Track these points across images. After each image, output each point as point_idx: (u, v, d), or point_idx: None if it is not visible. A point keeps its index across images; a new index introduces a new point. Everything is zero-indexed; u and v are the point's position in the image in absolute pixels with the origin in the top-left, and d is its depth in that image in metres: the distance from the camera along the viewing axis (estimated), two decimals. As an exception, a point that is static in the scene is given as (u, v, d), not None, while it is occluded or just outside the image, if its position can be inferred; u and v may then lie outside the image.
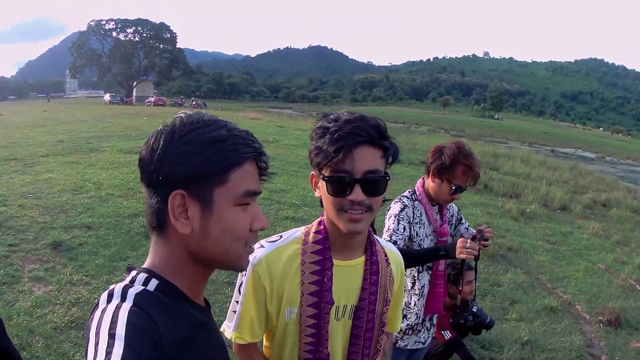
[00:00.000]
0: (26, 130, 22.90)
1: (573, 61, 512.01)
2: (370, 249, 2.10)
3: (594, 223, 13.92)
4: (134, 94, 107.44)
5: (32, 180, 11.37)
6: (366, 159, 1.81)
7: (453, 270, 4.70)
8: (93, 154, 15.73)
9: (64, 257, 7.21)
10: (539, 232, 12.36)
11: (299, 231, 2.13)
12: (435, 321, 3.82)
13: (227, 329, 2.16)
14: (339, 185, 1.84)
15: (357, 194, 1.81)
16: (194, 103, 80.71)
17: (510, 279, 8.48)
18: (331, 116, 1.92)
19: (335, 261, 2.02)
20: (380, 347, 2.17)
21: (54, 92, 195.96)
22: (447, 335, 4.63)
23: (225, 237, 1.31)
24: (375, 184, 1.83)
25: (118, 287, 1.25)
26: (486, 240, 3.40)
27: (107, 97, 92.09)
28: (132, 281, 1.29)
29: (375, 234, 2.23)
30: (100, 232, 8.25)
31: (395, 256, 2.27)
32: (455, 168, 3.46)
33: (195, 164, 1.24)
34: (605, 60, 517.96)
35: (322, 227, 2.06)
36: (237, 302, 2.11)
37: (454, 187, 3.49)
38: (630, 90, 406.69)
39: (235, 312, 2.13)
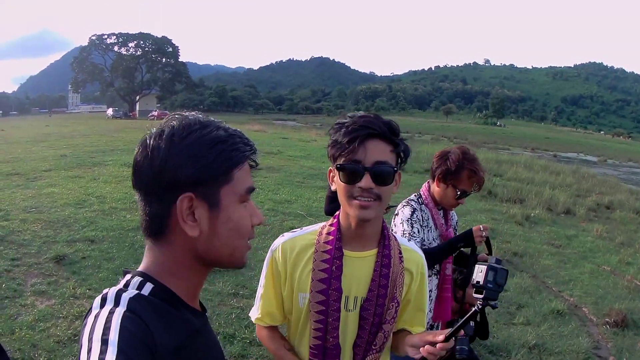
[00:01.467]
0: (28, 145, 23.02)
1: (572, 66, 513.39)
2: (383, 242, 2.15)
3: (598, 225, 13.85)
4: (137, 108, 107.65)
5: (34, 194, 11.41)
6: (376, 150, 1.96)
7: (460, 275, 4.66)
8: (96, 168, 15.81)
9: (67, 270, 7.20)
10: (544, 236, 12.31)
11: (318, 225, 2.27)
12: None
13: (253, 314, 2.34)
14: (351, 173, 1.97)
15: (367, 181, 1.94)
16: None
17: (516, 283, 8.44)
18: (348, 114, 2.08)
19: (346, 252, 2.12)
20: (384, 343, 2.17)
21: (56, 107, 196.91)
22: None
23: (233, 235, 1.31)
24: (383, 174, 1.96)
25: (112, 291, 1.22)
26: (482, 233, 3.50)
27: (109, 111, 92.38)
28: (126, 285, 1.26)
29: None
30: (103, 245, 8.26)
31: (414, 255, 2.28)
32: (460, 173, 3.48)
33: (201, 166, 1.23)
34: (605, 63, 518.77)
35: (335, 220, 2.19)
36: (261, 287, 2.31)
37: (459, 192, 3.50)
38: (630, 92, 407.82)
39: (259, 296, 2.31)
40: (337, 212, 2.19)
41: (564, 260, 10.27)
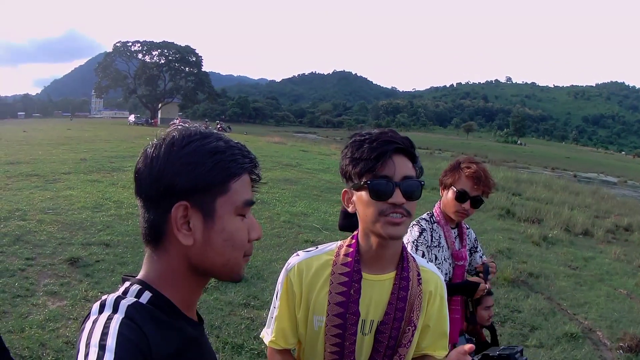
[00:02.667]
0: (49, 147, 23.21)
1: (594, 85, 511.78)
2: (402, 265, 2.10)
3: (616, 247, 13.73)
4: (159, 116, 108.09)
5: (52, 196, 11.50)
6: (403, 165, 1.94)
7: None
8: (115, 173, 15.92)
9: (80, 273, 7.24)
10: (561, 258, 12.20)
11: (334, 244, 2.20)
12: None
13: (266, 335, 2.25)
14: (381, 189, 1.92)
15: (398, 197, 1.90)
16: (218, 126, 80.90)
17: (530, 304, 8.36)
18: (362, 132, 2.04)
19: (365, 274, 2.06)
20: None
21: (79, 111, 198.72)
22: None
23: (227, 247, 1.30)
24: (413, 188, 1.93)
25: (110, 298, 1.23)
26: (488, 273, 3.51)
27: (131, 118, 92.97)
28: (125, 292, 1.27)
29: None
30: (118, 249, 8.30)
31: (433, 277, 2.23)
32: (456, 170, 3.46)
33: (197, 174, 1.24)
34: (627, 83, 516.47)
35: (354, 241, 2.12)
36: (275, 308, 2.20)
37: (457, 192, 3.42)
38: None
39: (272, 318, 2.21)
40: (355, 232, 2.13)
41: (580, 282, 10.15)
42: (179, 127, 1.32)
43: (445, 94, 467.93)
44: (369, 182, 1.92)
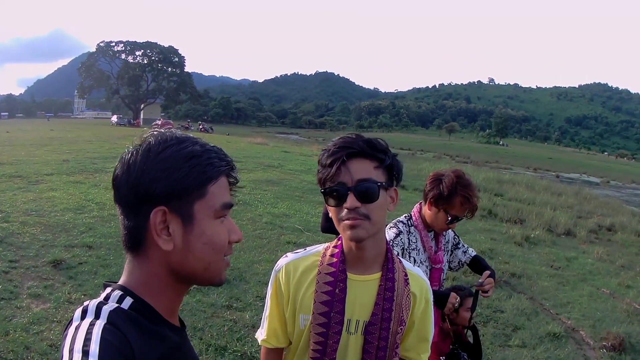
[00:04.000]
0: (32, 148, 23.10)
1: (577, 86, 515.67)
2: (387, 266, 2.13)
3: (599, 248, 13.83)
4: (141, 117, 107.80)
5: (35, 197, 11.44)
6: (358, 169, 1.95)
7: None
8: (97, 174, 15.86)
9: (64, 275, 7.19)
10: (543, 258, 12.27)
11: (321, 246, 2.25)
12: None
13: (260, 335, 2.34)
14: (335, 196, 1.98)
15: (351, 200, 1.92)
16: (200, 127, 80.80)
17: (513, 305, 8.39)
18: (334, 138, 2.08)
19: (350, 275, 2.10)
20: None
21: (61, 111, 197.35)
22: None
23: (207, 250, 1.31)
24: (367, 191, 1.94)
25: (92, 304, 1.23)
26: (486, 292, 3.53)
27: (114, 118, 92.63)
28: (107, 298, 1.27)
29: None
30: (100, 252, 8.25)
31: (419, 280, 2.26)
32: (452, 199, 3.41)
33: (174, 179, 1.25)
34: (610, 84, 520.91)
35: (339, 242, 2.17)
36: (266, 308, 2.28)
37: (450, 217, 3.44)
38: (634, 114, 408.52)
39: (265, 318, 2.30)
40: (340, 235, 2.16)
41: (563, 282, 10.22)
42: (154, 132, 1.33)
43: (428, 94, 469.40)
44: (322, 190, 2.03)
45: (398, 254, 3.35)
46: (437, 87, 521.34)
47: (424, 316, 2.24)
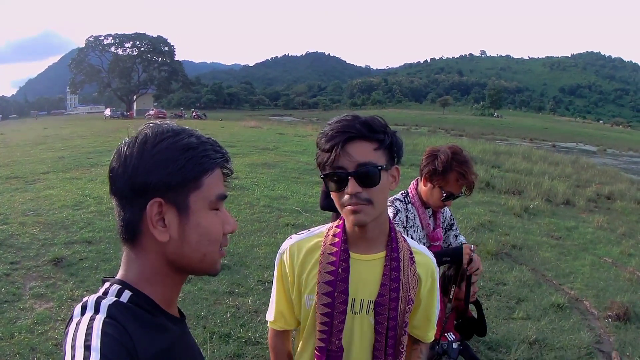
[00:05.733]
0: (27, 148, 23.06)
1: (570, 55, 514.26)
2: (391, 245, 2.13)
3: (599, 216, 13.78)
4: (134, 108, 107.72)
5: (32, 197, 11.43)
6: (358, 152, 1.92)
7: (448, 270, 4.57)
8: (94, 168, 15.87)
9: (65, 272, 7.20)
10: (543, 228, 12.26)
11: (324, 227, 2.27)
12: None
13: (268, 317, 2.34)
14: (336, 181, 1.96)
15: (352, 186, 1.91)
16: (194, 114, 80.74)
17: (515, 277, 8.39)
18: (332, 119, 2.03)
19: (353, 254, 2.10)
20: (402, 348, 2.17)
21: (55, 109, 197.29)
22: (451, 337, 4.56)
23: (202, 241, 1.31)
24: (368, 175, 1.92)
25: (91, 299, 1.23)
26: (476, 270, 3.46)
27: (107, 112, 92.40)
28: (105, 293, 1.27)
29: None
30: (100, 246, 8.26)
31: (425, 259, 2.25)
32: (447, 175, 3.36)
33: (170, 171, 1.25)
34: (602, 53, 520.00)
35: (341, 222, 2.17)
36: (274, 290, 2.30)
37: (445, 194, 3.41)
38: (628, 82, 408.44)
39: (272, 300, 2.32)
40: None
41: (564, 253, 10.21)
42: (151, 124, 1.32)
43: (420, 70, 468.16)
44: (323, 176, 2.01)
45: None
46: (429, 61, 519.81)
47: (431, 294, 2.25)
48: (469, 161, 3.45)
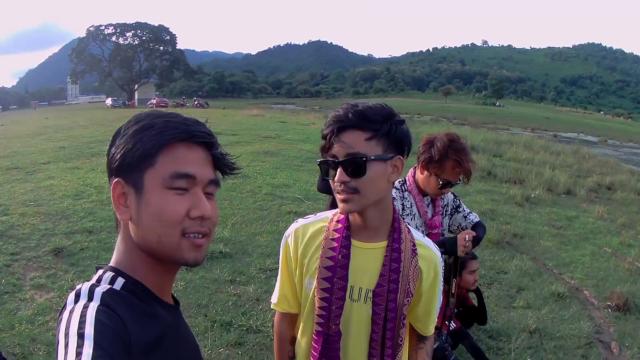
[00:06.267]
0: (27, 138, 22.97)
1: (571, 46, 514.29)
2: (393, 236, 2.12)
3: (599, 206, 13.77)
4: (136, 97, 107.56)
5: (33, 188, 11.40)
6: (349, 142, 1.93)
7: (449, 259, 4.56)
8: (94, 158, 15.83)
9: (66, 263, 7.18)
10: (544, 218, 12.26)
11: (330, 212, 2.28)
12: None
13: (273, 299, 2.39)
14: (326, 169, 2.03)
15: (339, 175, 1.95)
16: (196, 103, 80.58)
17: (516, 265, 8.40)
18: (337, 107, 2.06)
19: (354, 242, 2.12)
20: (401, 341, 2.16)
21: (56, 99, 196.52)
22: (452, 325, 4.57)
23: (154, 222, 1.26)
24: (353, 165, 1.93)
25: (85, 287, 1.24)
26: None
27: (108, 101, 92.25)
28: (99, 280, 1.27)
29: None
30: (101, 235, 8.24)
31: (429, 252, 2.24)
32: (444, 163, 3.36)
33: (127, 149, 1.27)
34: (604, 44, 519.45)
35: None
36: (279, 273, 2.34)
37: (441, 182, 3.39)
38: (629, 73, 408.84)
39: (278, 282, 2.36)
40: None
41: (565, 242, 10.22)
42: (145, 111, 1.35)
43: (422, 59, 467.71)
44: (317, 162, 2.07)
45: None
46: (431, 50, 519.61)
47: (432, 288, 2.24)
48: (466, 148, 3.44)
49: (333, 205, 6.43)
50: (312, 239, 2.18)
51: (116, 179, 1.27)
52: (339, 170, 1.94)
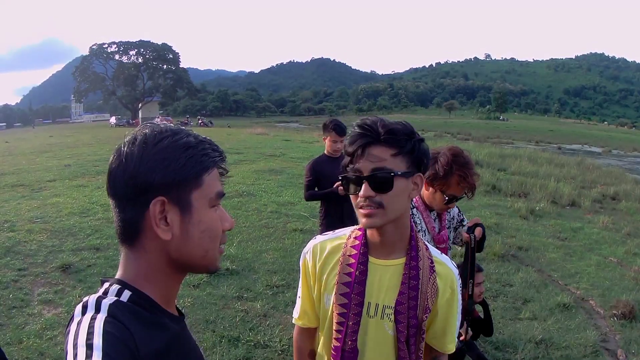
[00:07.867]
0: (32, 156, 23.10)
1: (574, 57, 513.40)
2: (411, 253, 2.12)
3: (604, 217, 13.75)
4: (140, 116, 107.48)
5: (39, 205, 11.46)
6: (375, 157, 1.93)
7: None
8: (100, 176, 15.86)
9: (73, 279, 7.23)
10: (549, 230, 12.24)
11: (348, 230, 2.27)
12: None
13: (294, 314, 2.38)
14: (351, 184, 2.00)
15: (365, 190, 1.93)
16: (200, 122, 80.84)
17: (521, 278, 8.39)
18: (360, 119, 2.05)
19: (372, 259, 2.11)
20: (421, 353, 2.16)
21: (59, 117, 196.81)
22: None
23: (204, 238, 1.33)
24: (379, 180, 1.93)
25: (92, 299, 1.25)
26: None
27: (113, 120, 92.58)
28: (105, 292, 1.28)
29: None
30: (108, 253, 8.28)
31: (447, 270, 2.21)
32: (449, 178, 3.34)
33: (172, 169, 1.26)
34: (606, 54, 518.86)
35: None
36: (299, 288, 2.35)
37: (447, 197, 3.38)
38: (632, 82, 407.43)
39: (298, 298, 2.36)
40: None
41: (570, 253, 10.20)
42: (149, 124, 1.35)
43: (425, 74, 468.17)
44: (340, 177, 2.04)
45: None
46: (434, 65, 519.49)
47: (450, 306, 2.20)
48: (470, 162, 3.43)
49: (326, 215, 6.44)
50: (330, 256, 2.19)
51: (159, 198, 1.26)
52: (364, 185, 1.93)
